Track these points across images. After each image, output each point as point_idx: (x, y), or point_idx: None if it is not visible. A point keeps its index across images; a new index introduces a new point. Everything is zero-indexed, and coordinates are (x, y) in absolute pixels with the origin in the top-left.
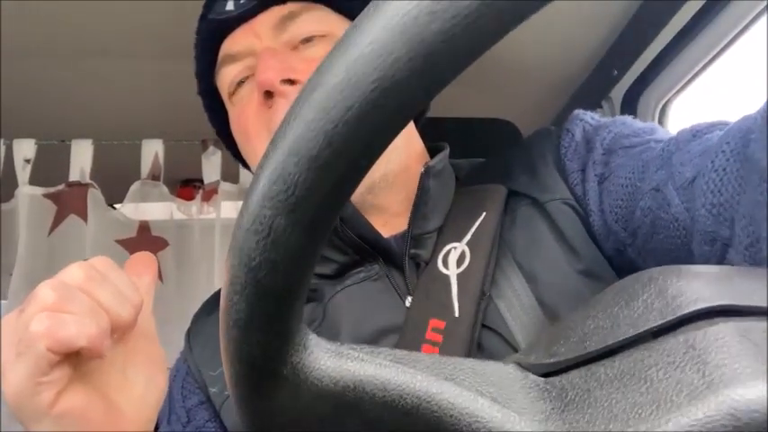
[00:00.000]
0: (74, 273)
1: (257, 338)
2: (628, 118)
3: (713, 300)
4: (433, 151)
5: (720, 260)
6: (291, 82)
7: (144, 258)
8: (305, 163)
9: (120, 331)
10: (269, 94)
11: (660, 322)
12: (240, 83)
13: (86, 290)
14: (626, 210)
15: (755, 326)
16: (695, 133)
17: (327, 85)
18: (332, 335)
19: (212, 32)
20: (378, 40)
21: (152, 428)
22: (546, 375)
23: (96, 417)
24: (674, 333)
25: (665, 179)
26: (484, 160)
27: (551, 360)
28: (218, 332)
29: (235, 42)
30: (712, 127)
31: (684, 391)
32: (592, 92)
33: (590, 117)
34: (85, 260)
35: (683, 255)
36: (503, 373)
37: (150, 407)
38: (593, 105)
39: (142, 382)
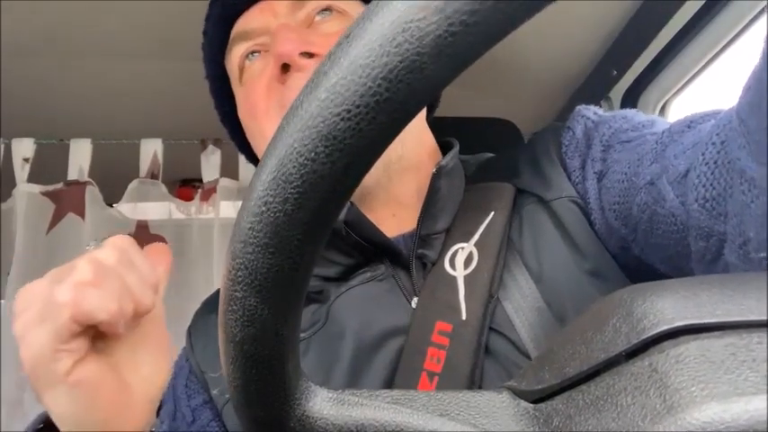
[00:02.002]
0: (108, 254)
1: (258, 400)
2: (630, 111)
3: (676, 320)
4: (443, 147)
5: (717, 256)
6: (310, 55)
7: (160, 249)
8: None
9: (139, 314)
10: (286, 68)
11: (626, 347)
12: (251, 55)
13: (117, 272)
14: (624, 206)
15: (715, 343)
16: (689, 123)
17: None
18: (336, 336)
19: (226, 13)
20: (377, 37)
21: (156, 408)
22: (536, 401)
23: (107, 391)
24: (642, 356)
25: (659, 173)
26: (491, 156)
27: (538, 387)
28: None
29: (250, 20)
30: (707, 116)
31: (648, 416)
32: (591, 92)
33: (592, 112)
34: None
35: (682, 250)
36: (496, 402)
37: (156, 387)
38: (593, 105)
39: (150, 364)
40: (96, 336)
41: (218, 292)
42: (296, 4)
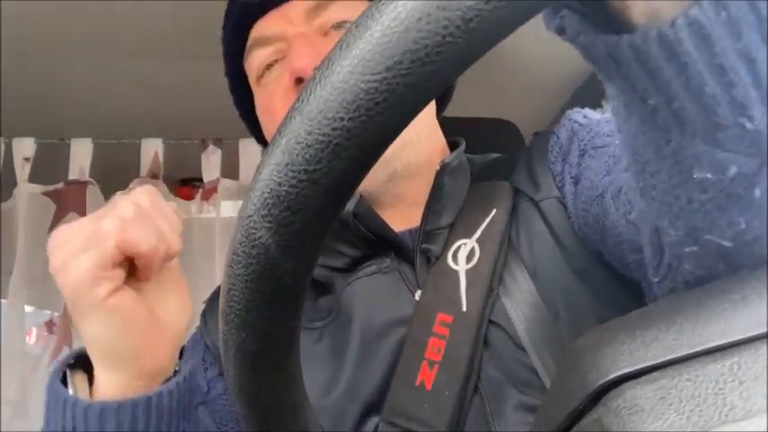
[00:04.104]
0: (144, 199)
1: None
2: None
3: (611, 371)
4: (452, 146)
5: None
6: None
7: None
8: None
9: (169, 256)
10: (300, 80)
11: (580, 401)
12: (269, 66)
13: (151, 216)
14: (588, 213)
15: (647, 389)
16: None
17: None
18: (345, 325)
19: (243, 15)
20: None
21: (180, 348)
22: None
23: (140, 320)
24: (593, 410)
25: (606, 186)
26: (497, 156)
27: None
28: None
29: (267, 26)
30: None
31: None
32: (592, 92)
33: (581, 116)
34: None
35: (632, 261)
36: None
37: (181, 326)
38: (593, 105)
39: (175, 304)
40: (129, 274)
41: None
42: (312, 11)
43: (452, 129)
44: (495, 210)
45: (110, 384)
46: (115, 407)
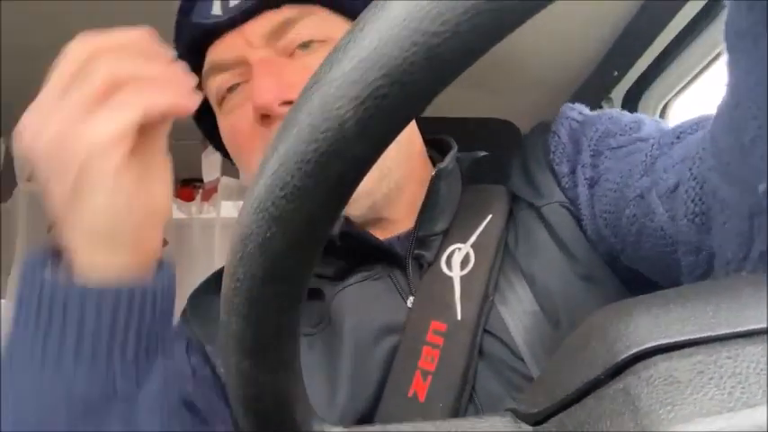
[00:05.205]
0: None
1: None
2: (615, 111)
3: (645, 341)
4: (434, 144)
5: (708, 270)
6: (290, 103)
7: None
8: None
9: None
10: (265, 117)
11: (604, 370)
12: (230, 88)
13: (170, 76)
14: (614, 216)
15: (683, 362)
16: (679, 134)
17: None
18: (335, 334)
19: (196, 38)
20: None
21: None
22: (536, 424)
23: (142, 194)
24: (618, 379)
25: (649, 186)
26: (483, 155)
27: (534, 410)
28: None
29: (224, 50)
30: (696, 126)
31: None
32: (592, 92)
33: (577, 113)
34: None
35: (672, 264)
36: (499, 427)
37: (167, 207)
38: (594, 106)
39: (160, 183)
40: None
41: (215, 274)
42: (275, 33)
43: (451, 129)
44: (490, 215)
45: (103, 268)
46: (127, 292)
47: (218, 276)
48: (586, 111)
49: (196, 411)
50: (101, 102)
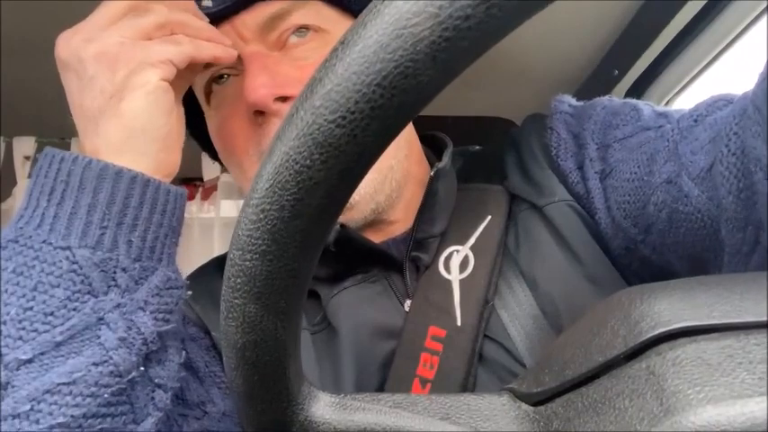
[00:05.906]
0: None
1: (261, 405)
2: (605, 100)
3: (672, 322)
4: (428, 141)
5: (754, 246)
6: (285, 99)
7: None
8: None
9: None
10: (259, 112)
11: (624, 349)
12: (218, 79)
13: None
14: (635, 205)
15: (711, 345)
16: (696, 118)
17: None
18: (331, 337)
19: None
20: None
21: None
22: (537, 404)
23: (176, 109)
24: (639, 359)
25: (676, 170)
26: (477, 149)
27: (538, 389)
28: (217, 293)
29: None
30: (712, 108)
31: (646, 420)
32: (592, 92)
33: (567, 106)
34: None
35: (709, 246)
36: (496, 405)
37: (182, 134)
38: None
39: (178, 111)
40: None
41: (214, 259)
42: (267, 25)
43: (451, 128)
44: (489, 216)
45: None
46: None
47: (217, 261)
48: (574, 102)
49: (193, 370)
50: (152, 37)
